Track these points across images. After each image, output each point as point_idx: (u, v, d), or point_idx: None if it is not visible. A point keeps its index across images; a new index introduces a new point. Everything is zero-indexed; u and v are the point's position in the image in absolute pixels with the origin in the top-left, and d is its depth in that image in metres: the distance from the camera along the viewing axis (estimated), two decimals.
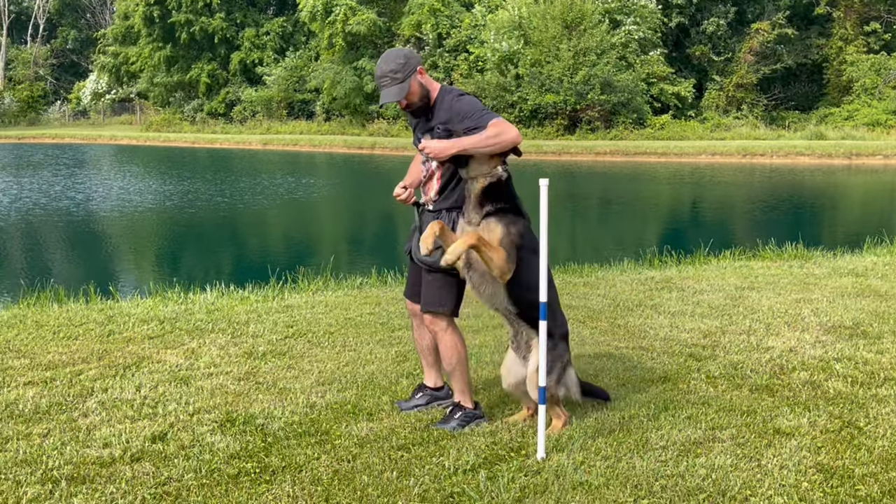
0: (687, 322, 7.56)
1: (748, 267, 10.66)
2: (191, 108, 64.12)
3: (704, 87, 52.20)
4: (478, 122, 4.74)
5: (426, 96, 4.99)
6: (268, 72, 60.30)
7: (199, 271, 12.58)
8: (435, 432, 4.88)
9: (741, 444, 4.72)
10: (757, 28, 50.74)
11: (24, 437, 4.95)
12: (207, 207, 24.12)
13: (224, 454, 4.60)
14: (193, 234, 20.21)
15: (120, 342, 7.06)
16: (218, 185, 30.24)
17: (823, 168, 35.67)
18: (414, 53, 5.02)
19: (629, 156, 40.20)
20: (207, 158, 44.26)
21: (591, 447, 4.65)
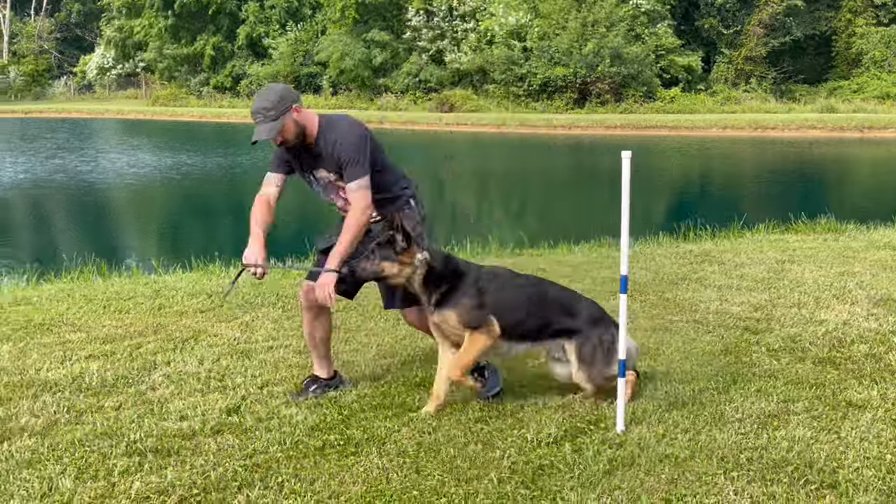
0: (735, 295, 7.56)
1: (783, 240, 10.65)
2: (197, 83, 63.83)
3: (713, 60, 51.95)
4: (348, 173, 4.85)
5: (302, 133, 4.91)
6: (274, 45, 59.96)
7: (229, 246, 12.56)
8: (508, 406, 4.89)
9: (816, 416, 4.72)
10: (766, 0, 50.40)
11: (97, 409, 4.98)
12: (230, 181, 24.11)
13: (304, 426, 4.61)
14: (220, 207, 20.23)
15: (172, 316, 7.07)
16: (233, 157, 30.20)
17: (836, 141, 35.56)
18: (289, 91, 4.91)
19: (640, 129, 40.07)
20: (218, 132, 44.16)
21: (668, 420, 4.66)
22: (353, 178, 4.85)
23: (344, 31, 54.81)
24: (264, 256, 4.89)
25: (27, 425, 4.72)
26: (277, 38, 60.39)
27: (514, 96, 48.30)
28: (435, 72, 51.57)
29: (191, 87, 64.19)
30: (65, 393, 5.25)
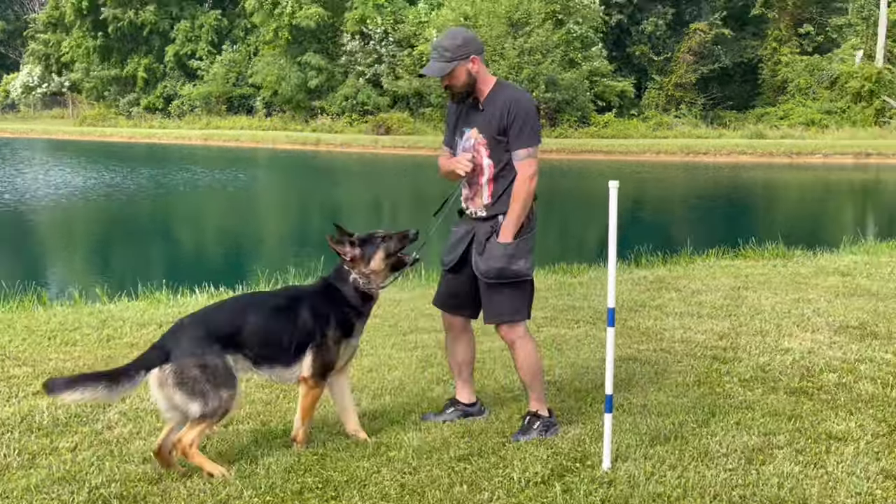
0: (697, 323, 7.54)
1: (735, 266, 10.72)
2: (126, 103, 62.66)
3: (644, 87, 52.85)
4: (516, 139, 4.73)
5: (471, 86, 4.79)
6: (203, 66, 59.19)
7: (174, 272, 12.23)
8: (490, 442, 4.73)
9: (800, 450, 4.66)
10: (695, 28, 51.51)
11: (51, 452, 4.69)
12: (162, 202, 23.57)
13: (278, 468, 4.38)
14: (159, 231, 19.75)
15: (122, 347, 6.76)
16: (164, 179, 29.58)
17: (766, 166, 36.36)
18: (475, 40, 4.79)
19: (575, 154, 40.46)
20: (151, 153, 43.35)
21: (654, 456, 4.55)
22: (522, 145, 4.72)
23: (278, 53, 54.39)
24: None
25: None
26: (209, 58, 59.66)
27: None
28: (371, 95, 51.43)
29: (120, 108, 62.97)
30: (14, 433, 4.93)
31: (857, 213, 24.21)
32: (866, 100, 46.44)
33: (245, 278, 11.38)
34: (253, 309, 4.63)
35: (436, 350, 6.61)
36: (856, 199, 27.76)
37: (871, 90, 46.17)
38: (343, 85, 52.35)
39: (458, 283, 5.03)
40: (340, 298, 4.69)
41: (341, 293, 4.70)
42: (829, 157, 37.60)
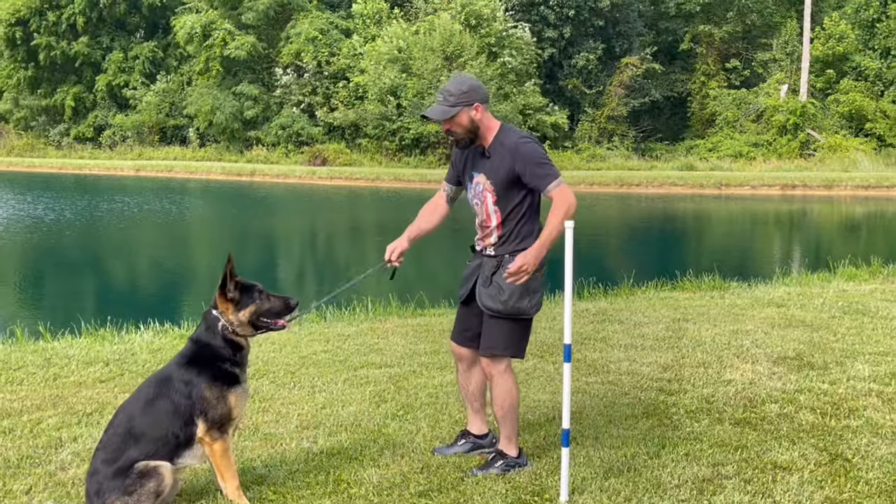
0: (642, 355, 7.71)
1: (673, 298, 10.97)
2: (56, 133, 61.56)
3: (577, 119, 53.74)
4: (540, 180, 4.75)
5: (474, 132, 4.87)
6: (137, 96, 58.54)
7: (116, 307, 12.05)
8: (449, 478, 4.81)
9: (748, 480, 4.83)
10: (626, 63, 52.65)
11: (5, 494, 4.63)
12: (96, 236, 23.20)
13: None
14: (97, 264, 19.42)
15: (70, 387, 6.68)
16: (97, 210, 29.11)
17: (696, 198, 37.18)
18: (481, 88, 4.88)
19: None
20: (82, 184, 42.56)
21: (609, 488, 4.67)
22: (547, 182, 4.74)
23: (212, 84, 54.03)
24: (400, 252, 5.05)
25: None
26: (142, 88, 59.01)
27: (386, 150, 48.59)
28: (307, 126, 51.35)
29: (50, 138, 61.82)
30: None
31: (785, 243, 24.91)
32: (791, 133, 47.87)
33: (187, 311, 11.31)
34: (130, 416, 4.43)
35: (388, 385, 6.67)
36: (783, 229, 28.55)
37: (796, 123, 47.62)
38: (278, 115, 52.21)
39: (470, 316, 5.11)
40: (211, 356, 4.46)
41: (211, 348, 4.47)
42: (756, 189, 38.62)
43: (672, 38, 55.79)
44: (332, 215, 31.32)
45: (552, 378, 6.95)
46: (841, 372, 7.10)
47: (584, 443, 5.37)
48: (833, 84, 50.51)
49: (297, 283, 17.25)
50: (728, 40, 54.21)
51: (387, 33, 49.90)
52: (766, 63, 53.73)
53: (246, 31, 53.09)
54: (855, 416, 5.95)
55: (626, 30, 54.61)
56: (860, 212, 33.23)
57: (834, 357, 7.61)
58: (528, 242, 4.85)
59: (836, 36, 50.53)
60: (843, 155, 44.65)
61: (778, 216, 32.17)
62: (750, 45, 55.37)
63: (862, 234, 26.84)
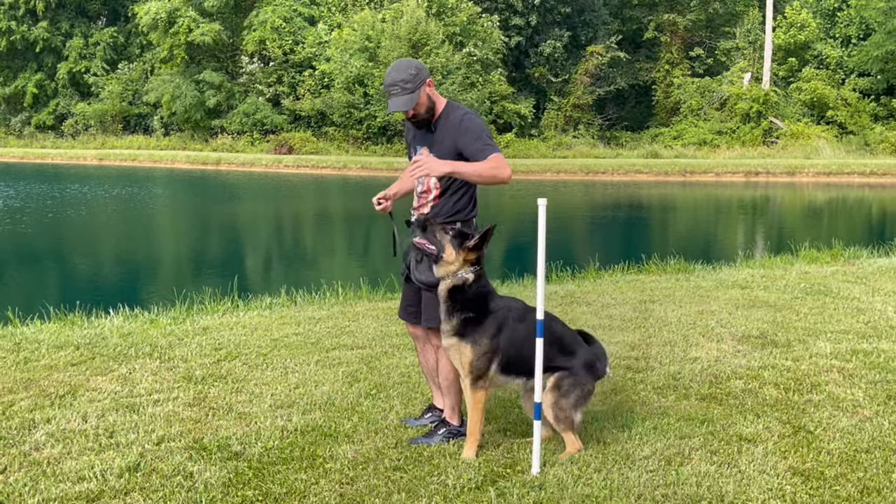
0: (610, 335, 7.82)
1: (640, 281, 11.11)
2: (17, 122, 60.71)
3: (543, 107, 53.96)
4: (479, 152, 4.79)
5: (431, 109, 5.00)
6: (100, 83, 57.87)
7: (82, 293, 11.97)
8: (425, 451, 4.89)
9: (714, 451, 4.95)
10: (591, 51, 52.90)
11: None
12: (58, 224, 22.97)
13: (216, 483, 4.45)
14: (61, 251, 19.26)
15: (42, 370, 6.66)
16: (59, 199, 28.80)
17: (662, 184, 37.52)
18: (423, 66, 5.01)
19: None
20: (44, 173, 42.04)
21: (579, 460, 4.77)
22: (486, 153, 4.75)
23: (175, 72, 53.53)
24: (392, 194, 5.16)
25: None
26: (104, 76, 58.34)
27: (353, 139, 48.48)
28: (271, 114, 51.07)
29: (10, 127, 60.95)
30: None
31: (749, 228, 25.22)
32: (754, 120, 48.43)
33: (155, 297, 11.28)
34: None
35: (361, 366, 6.73)
36: (747, 215, 28.89)
37: (759, 111, 48.18)
38: (242, 103, 51.87)
39: (411, 293, 5.23)
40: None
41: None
42: (720, 176, 39.07)
43: (637, 26, 56.18)
44: (298, 203, 31.22)
45: None
46: (804, 349, 7.26)
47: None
48: (795, 72, 51.18)
49: (265, 269, 17.22)
50: (692, 29, 54.73)
51: (353, 21, 49.75)
52: (730, 51, 54.30)
53: (210, 19, 52.67)
54: (817, 391, 6.10)
55: (592, 18, 54.90)
56: (822, 197, 33.74)
57: (797, 335, 7.77)
58: (458, 217, 5.01)
59: (797, 24, 51.18)
60: (806, 142, 45.27)
61: (742, 202, 32.56)
62: (713, 33, 55.92)
63: (824, 218, 27.25)
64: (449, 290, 4.77)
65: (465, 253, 4.74)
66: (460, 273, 4.75)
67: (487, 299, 4.84)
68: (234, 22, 54.42)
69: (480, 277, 4.81)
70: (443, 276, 4.78)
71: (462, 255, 4.74)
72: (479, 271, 4.80)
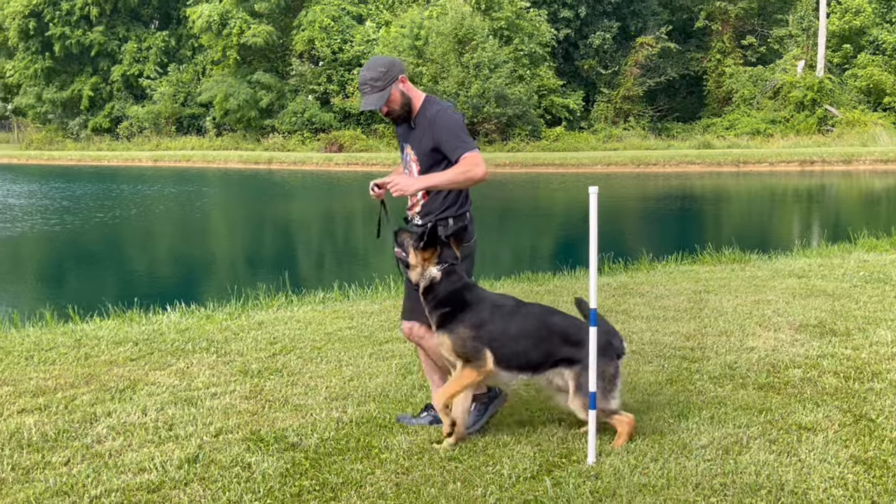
0: (664, 326, 7.76)
1: (694, 271, 10.99)
2: (75, 125, 61.90)
3: (593, 100, 53.59)
4: (452, 150, 4.78)
5: (407, 105, 4.98)
6: (153, 86, 58.79)
7: (140, 291, 12.20)
8: (479, 442, 4.89)
9: (773, 440, 4.88)
10: (641, 42, 52.40)
11: (45, 466, 4.74)
12: (117, 225, 23.41)
13: (273, 473, 4.50)
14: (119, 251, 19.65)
15: (102, 365, 6.79)
16: (116, 200, 29.33)
17: (714, 175, 37.06)
18: (397, 62, 4.99)
19: (528, 167, 40.83)
20: (101, 176, 42.84)
21: (636, 450, 4.74)
22: (460, 151, 4.75)
23: (227, 73, 54.20)
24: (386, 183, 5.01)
25: None
26: (157, 78, 59.25)
27: None
28: (319, 112, 51.46)
29: (68, 130, 62.17)
30: (4, 450, 4.97)
31: (805, 217, 24.83)
32: (809, 109, 47.60)
33: (211, 293, 11.43)
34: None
35: (414, 358, 6.75)
36: (803, 204, 28.43)
37: (814, 99, 47.34)
38: (292, 103, 52.34)
39: (412, 291, 5.17)
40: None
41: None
42: (775, 166, 38.48)
43: (687, 15, 55.48)
44: (348, 200, 31.40)
45: None
46: (863, 338, 7.13)
47: None
48: (850, 59, 50.17)
49: (317, 265, 17.37)
50: (743, 17, 53.89)
51: (401, 19, 49.90)
52: (783, 39, 53.38)
53: (259, 20, 53.23)
54: (878, 379, 5.99)
55: (641, 8, 54.30)
56: (879, 185, 33.05)
57: (856, 324, 7.64)
58: (448, 213, 4.97)
59: (852, 10, 50.14)
60: (862, 130, 44.37)
61: (797, 191, 32.05)
62: (765, 21, 54.99)
63: (882, 206, 26.70)
64: (423, 291, 4.85)
65: (421, 253, 4.80)
66: (427, 273, 4.80)
67: (463, 294, 4.85)
68: (284, 22, 54.93)
69: (450, 274, 4.83)
70: (416, 280, 4.86)
71: (419, 256, 4.80)
72: (448, 268, 4.82)
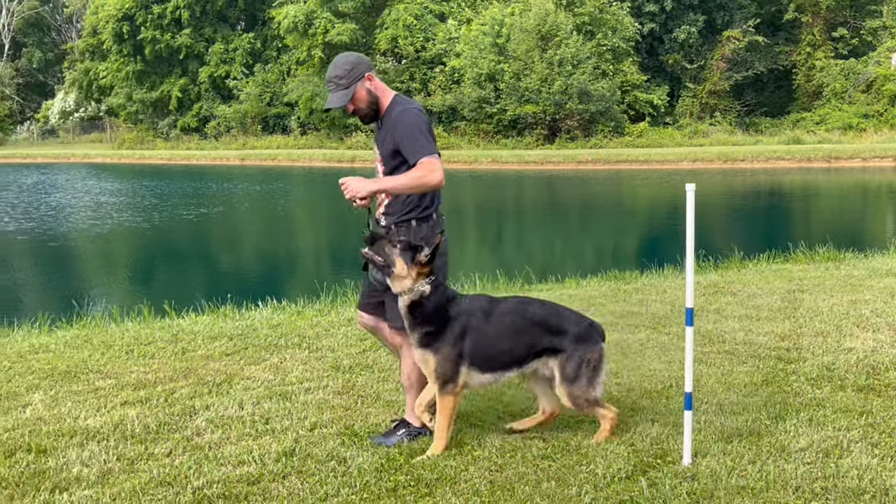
0: (757, 326, 7.62)
1: (787, 270, 10.77)
2: (164, 125, 63.57)
3: (678, 95, 52.80)
4: (410, 153, 4.69)
5: (375, 103, 4.88)
6: (239, 86, 60.01)
7: (232, 287, 12.47)
8: (572, 441, 4.88)
9: (875, 444, 4.75)
10: (728, 36, 51.41)
11: (148, 457, 4.88)
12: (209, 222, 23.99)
13: (369, 468, 4.56)
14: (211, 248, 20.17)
15: (198, 360, 6.97)
16: (209, 198, 30.04)
17: (804, 171, 36.16)
18: (363, 59, 4.89)
19: (611, 164, 40.47)
20: (190, 174, 43.92)
21: (732, 451, 4.66)
22: (419, 154, 4.65)
23: (312, 72, 55.00)
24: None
25: (81, 475, 4.62)
26: (243, 79, 60.44)
27: (483, 133, 48.71)
28: None
29: (157, 130, 63.89)
30: (109, 441, 5.14)
31: None
32: None
33: (300, 289, 11.61)
34: None
35: None
36: None
37: None
38: None
39: (376, 290, 5.10)
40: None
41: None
42: (868, 161, 37.38)
43: (775, 8, 54.21)
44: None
45: (666, 348, 6.94)
46: None
47: (705, 409, 5.35)
48: None
49: None
50: (835, 8, 52.40)
51: (482, 17, 49.95)
52: (876, 30, 51.80)
53: (343, 20, 53.89)
54: None
55: (728, 1, 53.27)
56: None
57: None
58: (412, 214, 4.88)
59: None
60: None
61: (892, 188, 31.06)
62: (858, 12, 53.38)
63: None
64: (408, 306, 4.74)
65: (419, 267, 4.70)
66: (416, 287, 4.71)
67: (448, 308, 4.78)
68: (367, 21, 55.48)
69: (438, 287, 4.76)
70: (400, 292, 4.74)
71: (415, 270, 4.69)
72: (436, 281, 4.75)
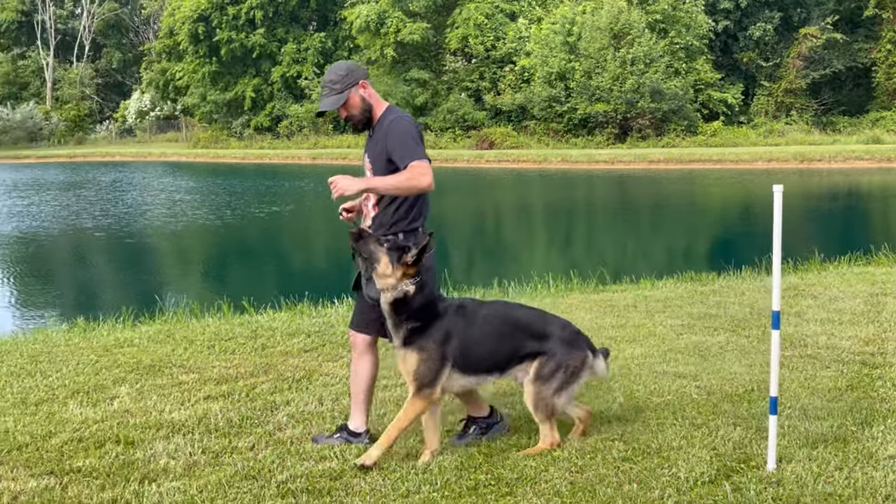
0: (840, 329, 7.46)
1: (869, 273, 10.52)
2: (238, 124, 64.60)
3: (753, 93, 51.85)
4: (401, 158, 4.71)
5: (368, 111, 4.95)
6: (311, 86, 60.70)
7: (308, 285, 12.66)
8: (653, 443, 4.84)
9: None
10: (805, 33, 50.32)
11: (233, 451, 4.99)
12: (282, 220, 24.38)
13: (450, 466, 4.59)
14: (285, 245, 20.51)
15: (278, 356, 7.10)
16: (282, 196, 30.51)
17: (884, 172, 35.21)
18: (359, 67, 4.99)
19: (683, 163, 39.92)
20: (263, 173, 44.66)
21: (818, 458, 4.58)
22: (410, 158, 4.70)
23: (382, 72, 55.39)
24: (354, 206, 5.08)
25: (168, 467, 4.74)
26: (315, 78, 61.11)
27: (553, 132, 48.50)
28: (471, 111, 51.96)
29: (231, 129, 64.94)
30: (194, 434, 5.27)
31: None
32: None
33: None
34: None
35: None
36: None
37: None
38: (446, 100, 53.08)
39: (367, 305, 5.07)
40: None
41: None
42: None
43: (855, 4, 52.79)
44: (500, 196, 31.56)
45: (746, 352, 6.84)
46: None
47: (788, 414, 5.26)
48: None
49: (473, 261, 17.55)
50: None
51: (553, 15, 49.74)
52: None
53: (415, 19, 54.19)
54: None
55: None
56: None
57: None
58: (398, 227, 4.88)
59: None
60: None
61: None
62: None
63: None
64: (392, 304, 4.71)
65: (404, 268, 4.68)
66: (400, 286, 4.69)
67: (433, 307, 4.76)
68: (438, 21, 55.69)
69: (423, 287, 4.73)
70: (383, 289, 4.72)
71: (401, 270, 4.67)
72: (421, 282, 4.72)
